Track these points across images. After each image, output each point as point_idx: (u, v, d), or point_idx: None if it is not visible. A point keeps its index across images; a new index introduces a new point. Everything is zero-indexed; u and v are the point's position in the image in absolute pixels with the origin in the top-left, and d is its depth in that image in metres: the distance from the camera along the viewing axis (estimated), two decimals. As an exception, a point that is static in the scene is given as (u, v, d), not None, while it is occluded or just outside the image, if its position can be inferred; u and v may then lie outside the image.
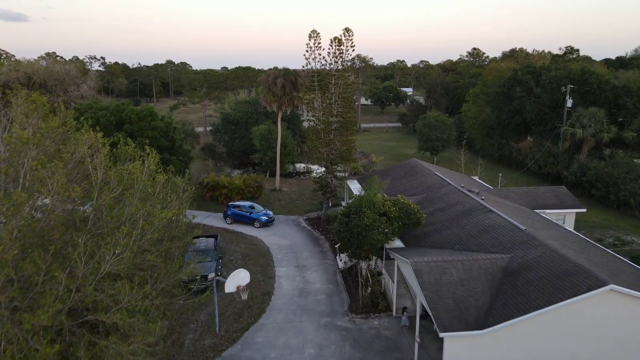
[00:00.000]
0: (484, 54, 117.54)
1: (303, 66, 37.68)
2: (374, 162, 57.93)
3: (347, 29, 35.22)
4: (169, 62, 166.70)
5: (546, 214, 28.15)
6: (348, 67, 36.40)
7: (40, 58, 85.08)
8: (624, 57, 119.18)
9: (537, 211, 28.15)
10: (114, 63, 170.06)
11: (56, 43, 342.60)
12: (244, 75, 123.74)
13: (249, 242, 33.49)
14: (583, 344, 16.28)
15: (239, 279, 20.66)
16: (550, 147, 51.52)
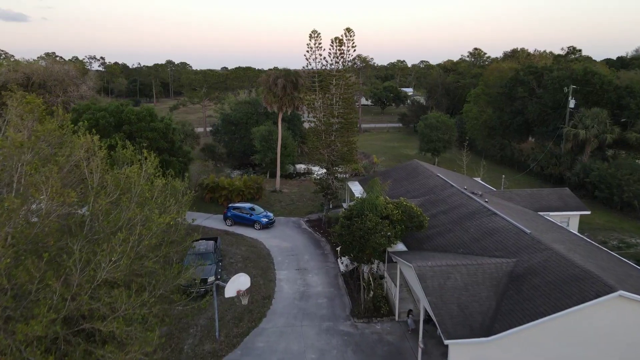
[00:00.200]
0: (485, 54, 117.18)
1: (303, 67, 37.33)
2: (374, 163, 57.58)
3: (348, 29, 34.86)
4: (169, 62, 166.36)
5: (550, 216, 27.81)
6: (349, 68, 36.02)
7: (39, 58, 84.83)
8: (624, 57, 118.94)
9: (540, 213, 27.83)
10: (114, 63, 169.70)
11: (56, 43, 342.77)
12: (244, 76, 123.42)
13: (249, 244, 33.15)
14: (591, 352, 15.93)
15: (239, 284, 20.30)
16: (552, 148, 51.18)
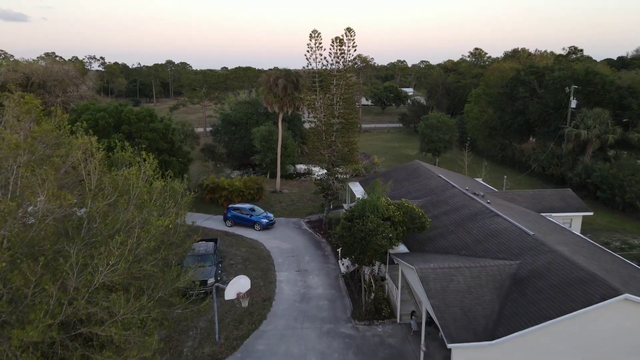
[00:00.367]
0: (486, 54, 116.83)
1: (304, 67, 37.07)
2: (375, 164, 57.38)
3: (348, 29, 34.61)
4: (169, 62, 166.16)
5: (552, 217, 27.59)
6: (349, 68, 35.78)
7: (39, 58, 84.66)
8: (625, 57, 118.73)
9: (543, 214, 27.62)
10: (114, 63, 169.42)
11: (56, 43, 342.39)
12: (244, 76, 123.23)
13: (250, 245, 32.93)
14: (596, 355, 15.72)
15: (239, 286, 20.06)
16: (554, 149, 50.96)
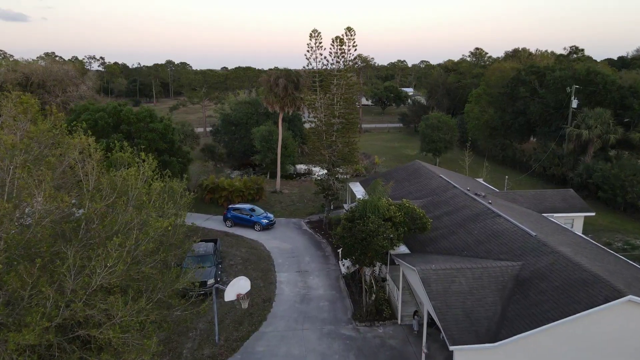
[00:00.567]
0: (487, 54, 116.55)
1: (304, 66, 36.87)
2: (376, 164, 57.22)
3: (349, 28, 34.43)
4: (169, 62, 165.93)
5: (554, 217, 27.43)
6: (350, 67, 35.61)
7: (39, 58, 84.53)
8: (625, 57, 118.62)
9: (544, 215, 27.46)
10: (114, 63, 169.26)
11: (56, 43, 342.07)
12: (244, 76, 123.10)
13: (250, 246, 32.78)
14: (600, 357, 15.55)
15: (239, 287, 19.94)
16: (555, 149, 50.79)
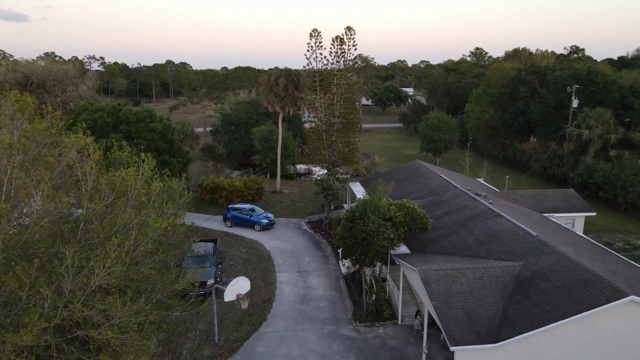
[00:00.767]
0: (487, 54, 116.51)
1: (304, 66, 36.79)
2: (376, 164, 57.15)
3: (348, 28, 34.36)
4: (169, 62, 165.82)
5: (555, 217, 27.36)
6: (350, 67, 35.54)
7: (38, 58, 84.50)
8: (625, 57, 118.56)
9: (545, 215, 27.38)
10: (114, 63, 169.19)
11: (56, 43, 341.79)
12: (244, 76, 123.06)
13: (249, 246, 32.70)
14: (601, 358, 15.47)
15: (238, 287, 19.86)
16: (555, 149, 50.70)
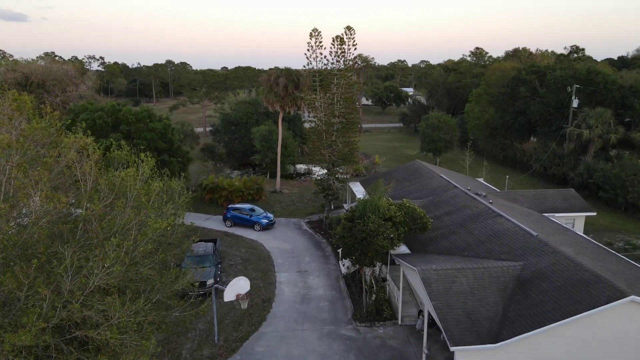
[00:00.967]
0: (487, 54, 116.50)
1: (304, 66, 36.76)
2: (376, 164, 57.12)
3: (348, 27, 34.33)
4: (169, 62, 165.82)
5: (555, 217, 27.33)
6: (350, 67, 35.51)
7: (38, 58, 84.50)
8: (625, 57, 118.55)
9: (545, 215, 27.34)
10: (114, 63, 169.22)
11: (56, 43, 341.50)
12: (244, 75, 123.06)
13: (249, 246, 32.67)
14: (602, 358, 15.44)
15: (238, 287, 19.83)
16: (555, 148, 50.66)
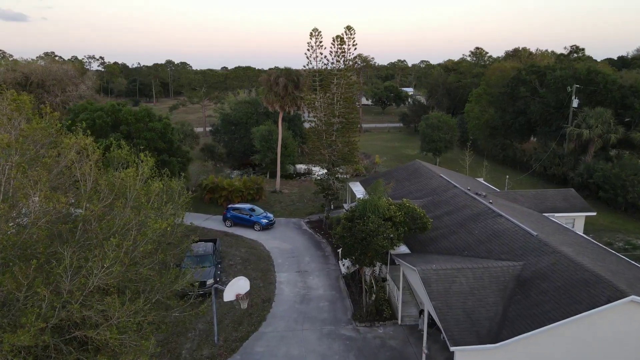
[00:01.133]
0: (487, 54, 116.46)
1: (304, 66, 36.75)
2: (376, 164, 57.10)
3: (348, 27, 34.31)
4: (169, 62, 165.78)
5: (555, 217, 27.31)
6: (350, 67, 35.50)
7: (38, 58, 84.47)
8: (625, 57, 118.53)
9: (545, 215, 27.33)
10: (114, 63, 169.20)
11: (55, 43, 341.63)
12: (244, 75, 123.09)
13: (249, 246, 32.66)
14: (602, 358, 15.42)
15: (238, 287, 19.81)
16: (555, 148, 50.65)
